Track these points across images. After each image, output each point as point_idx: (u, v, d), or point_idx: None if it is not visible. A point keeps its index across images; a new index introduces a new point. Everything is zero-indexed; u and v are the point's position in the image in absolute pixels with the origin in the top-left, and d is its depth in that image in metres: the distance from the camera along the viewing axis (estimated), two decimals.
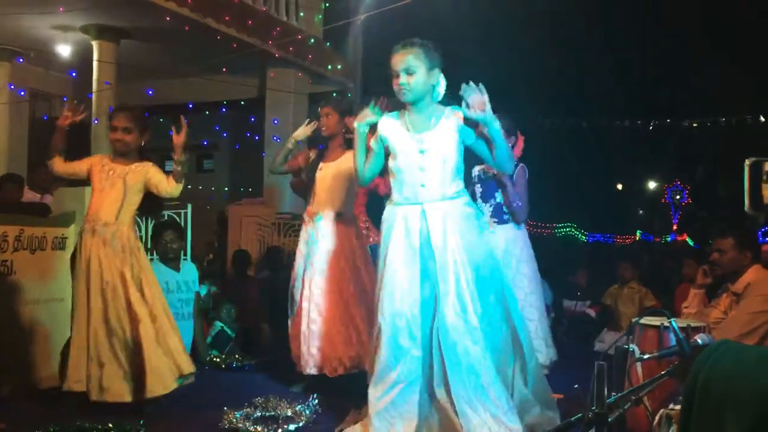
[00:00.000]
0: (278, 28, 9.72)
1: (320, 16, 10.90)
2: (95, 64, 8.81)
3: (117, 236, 3.81)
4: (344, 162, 4.24)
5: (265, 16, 9.63)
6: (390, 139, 3.23)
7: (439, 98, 3.21)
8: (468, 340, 2.97)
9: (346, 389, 3.87)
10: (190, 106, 9.39)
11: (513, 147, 4.59)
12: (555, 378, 4.56)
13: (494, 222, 4.65)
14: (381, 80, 11.54)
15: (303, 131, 4.44)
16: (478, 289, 3.05)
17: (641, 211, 31.72)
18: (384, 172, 3.43)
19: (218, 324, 5.63)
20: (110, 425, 3.07)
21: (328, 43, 10.84)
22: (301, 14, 10.52)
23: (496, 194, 4.68)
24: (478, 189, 4.75)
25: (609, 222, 24.67)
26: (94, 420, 3.17)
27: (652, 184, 30.95)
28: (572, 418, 1.92)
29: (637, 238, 26.06)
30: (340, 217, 4.28)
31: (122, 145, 3.91)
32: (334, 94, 11.50)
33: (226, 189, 12.45)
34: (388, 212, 3.24)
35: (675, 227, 28.68)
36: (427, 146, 3.14)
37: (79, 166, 4.04)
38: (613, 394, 1.96)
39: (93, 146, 8.76)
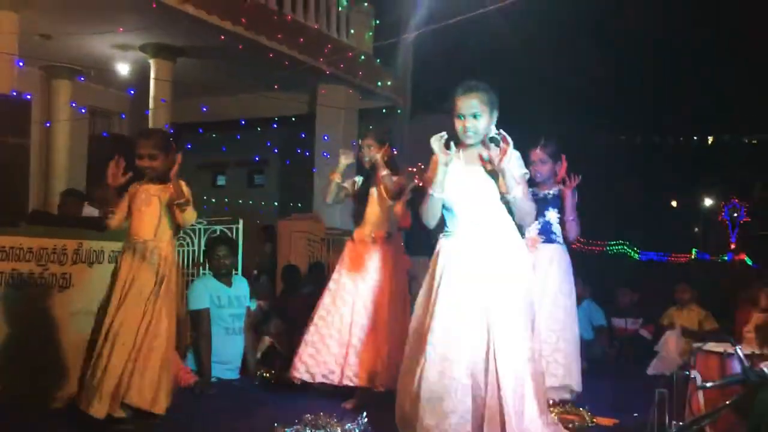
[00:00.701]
0: (329, 45, 9.85)
1: (371, 33, 11.01)
2: (152, 81, 9.05)
3: (156, 252, 3.90)
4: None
5: (316, 34, 9.77)
6: (450, 172, 3.29)
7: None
8: (519, 373, 3.01)
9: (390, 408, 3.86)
10: (243, 122, 9.56)
11: (558, 171, 4.70)
12: (609, 401, 4.45)
13: (541, 240, 4.65)
14: (431, 96, 11.58)
15: (342, 164, 4.62)
16: (524, 321, 3.12)
17: (697, 229, 30.90)
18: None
19: (266, 339, 5.67)
20: None
21: (378, 60, 10.92)
22: (352, 31, 10.64)
23: (546, 212, 4.68)
24: None
25: (663, 240, 24.09)
26: None
27: (708, 201, 30.17)
28: None
29: (693, 257, 25.40)
30: (390, 238, 4.55)
31: (151, 171, 3.99)
32: (384, 111, 11.59)
33: (276, 204, 12.60)
34: (442, 244, 3.29)
35: (732, 246, 27.87)
36: (478, 180, 3.24)
37: (124, 206, 4.12)
38: (673, 423, 1.89)
39: None
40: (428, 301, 3.21)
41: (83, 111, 9.93)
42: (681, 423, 1.85)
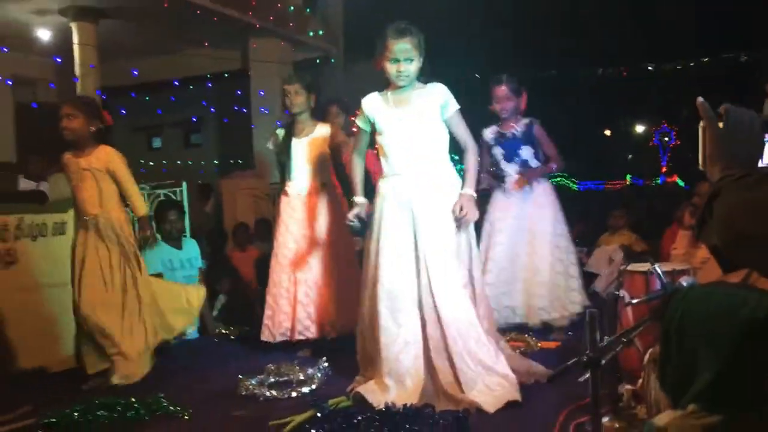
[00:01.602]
0: None
1: None
2: (75, 46, 8.77)
3: (108, 225, 3.94)
4: (317, 134, 4.46)
5: None
6: (376, 118, 3.42)
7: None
8: (457, 301, 3.20)
9: (344, 351, 4.05)
10: (176, 83, 9.38)
11: (520, 104, 4.72)
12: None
13: (524, 179, 4.68)
14: (362, 45, 11.57)
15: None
16: (457, 254, 3.29)
17: (630, 156, 31.82)
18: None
19: (221, 297, 5.75)
20: (132, 399, 3.20)
21: (308, 9, 10.78)
22: None
23: (519, 151, 4.72)
24: (499, 151, 4.78)
25: (599, 169, 24.76)
26: (116, 396, 3.30)
27: (639, 128, 31.02)
28: (568, 363, 2.05)
29: (628, 183, 26.20)
30: (324, 188, 4.47)
31: (69, 132, 3.96)
32: (318, 61, 11.50)
33: (216, 162, 12.48)
34: (381, 185, 3.42)
35: (664, 169, 28.83)
36: (409, 120, 3.34)
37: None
38: (605, 338, 2.09)
39: None
40: (373, 245, 3.37)
41: (9, 83, 9.58)
42: (610, 338, 2.05)
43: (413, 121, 3.33)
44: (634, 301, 2.36)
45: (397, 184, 3.34)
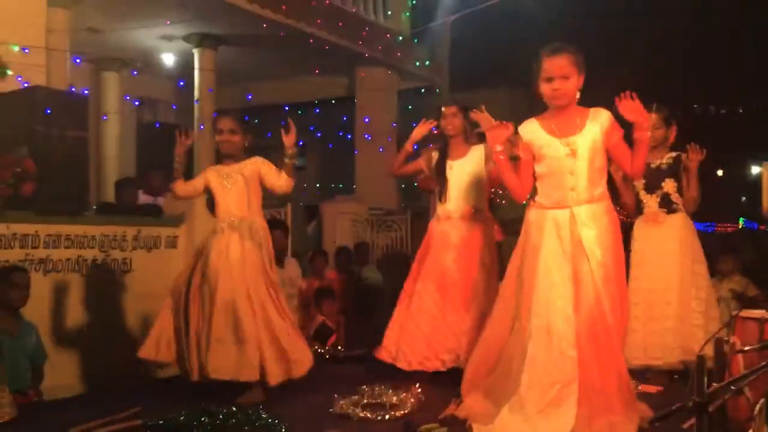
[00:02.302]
0: (367, 27, 9.94)
1: (407, 14, 11.05)
2: (196, 71, 9.29)
3: (254, 229, 4.07)
4: (473, 157, 4.38)
5: (354, 17, 9.87)
6: (535, 144, 3.29)
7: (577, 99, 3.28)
8: (614, 338, 3.10)
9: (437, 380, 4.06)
10: (286, 108, 9.74)
11: (669, 137, 4.57)
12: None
13: (663, 212, 4.53)
14: (467, 76, 11.56)
15: (420, 131, 4.47)
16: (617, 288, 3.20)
17: (744, 198, 30.24)
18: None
19: (319, 317, 5.88)
20: (234, 408, 3.32)
21: (415, 40, 10.97)
22: (389, 12, 10.70)
23: (662, 184, 4.55)
24: (640, 182, 4.59)
25: (710, 210, 23.64)
26: (218, 404, 3.43)
27: (755, 169, 29.47)
28: (673, 408, 1.99)
29: (740, 226, 24.89)
30: (477, 214, 4.39)
31: (230, 146, 4.17)
32: (422, 91, 11.65)
33: (318, 186, 12.79)
34: (536, 215, 3.31)
35: None
36: (575, 149, 3.20)
37: (197, 183, 4.34)
38: (713, 384, 2.02)
39: (196, 150, 9.24)
40: (521, 271, 3.30)
41: (137, 103, 10.26)
42: (719, 384, 1.98)
43: (578, 148, 3.22)
44: (746, 348, 2.27)
45: (559, 216, 3.25)
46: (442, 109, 4.43)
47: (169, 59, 9.91)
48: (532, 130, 3.30)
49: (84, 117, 5.29)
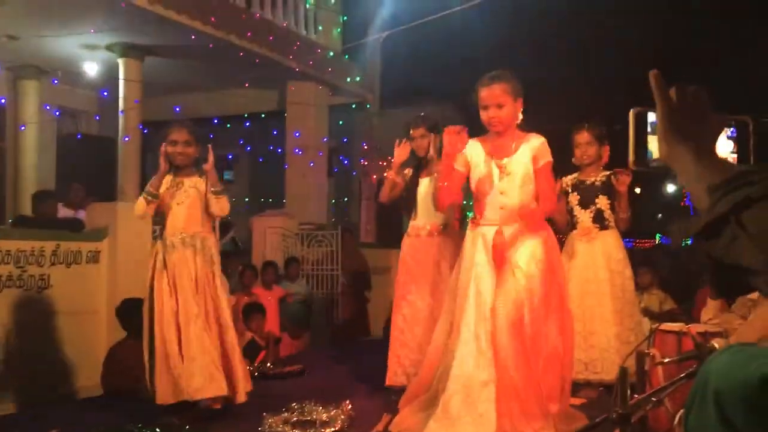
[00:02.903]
0: (298, 42, 9.92)
1: (339, 30, 11.10)
2: (121, 81, 9.04)
3: (206, 246, 4.01)
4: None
5: (284, 31, 9.84)
6: (472, 162, 3.42)
7: (518, 122, 3.38)
8: (536, 346, 3.21)
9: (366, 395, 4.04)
10: (215, 120, 9.59)
11: (602, 155, 4.64)
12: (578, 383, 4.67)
13: (596, 228, 4.61)
14: (399, 91, 11.66)
15: (400, 157, 4.41)
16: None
17: (660, 215, 31.56)
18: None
19: (248, 334, 5.78)
20: (157, 429, 3.22)
21: (346, 56, 11.02)
22: (320, 28, 10.72)
23: (596, 200, 4.62)
24: (575, 197, 4.68)
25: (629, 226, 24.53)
26: (142, 424, 3.33)
27: (671, 188, 30.82)
28: (597, 419, 2.04)
29: (657, 242, 25.93)
30: (446, 229, 4.39)
31: (184, 158, 4.08)
32: (353, 106, 11.71)
33: (246, 200, 12.65)
34: (470, 233, 3.43)
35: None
36: (507, 171, 3.34)
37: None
38: (635, 396, 2.08)
39: (121, 162, 8.99)
40: (455, 287, 3.40)
41: (57, 113, 9.88)
42: (642, 395, 2.04)
43: (510, 170, 3.35)
44: (666, 360, 2.35)
45: (488, 233, 3.37)
46: (411, 131, 4.43)
47: (91, 69, 9.60)
48: (472, 148, 3.44)
49: (1, 126, 5.08)
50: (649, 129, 1.31)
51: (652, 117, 1.30)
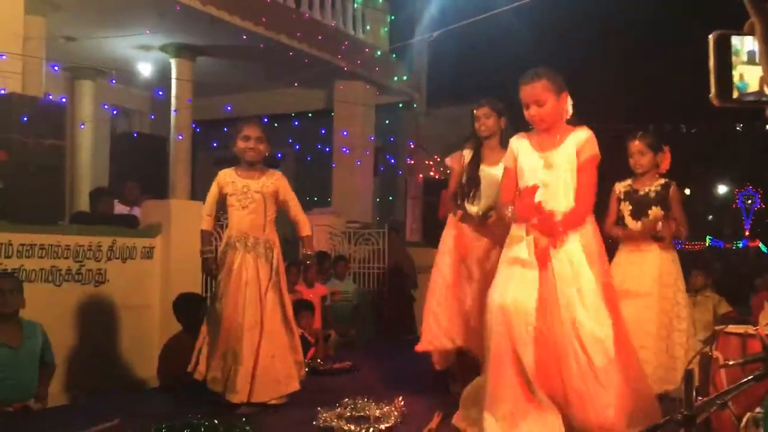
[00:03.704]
0: (346, 41, 9.99)
1: (386, 29, 11.13)
2: (173, 81, 9.23)
3: (268, 249, 4.08)
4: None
5: (333, 31, 9.91)
6: (519, 156, 3.35)
7: (568, 117, 3.30)
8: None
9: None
10: (265, 119, 9.71)
11: (659, 163, 4.51)
12: None
13: (648, 240, 4.45)
14: (445, 90, 11.64)
15: (455, 176, 4.38)
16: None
17: (711, 217, 30.84)
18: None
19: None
20: (216, 421, 3.28)
21: (393, 55, 11.04)
22: (368, 27, 10.77)
23: (649, 211, 4.46)
24: (626, 206, 4.54)
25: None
26: (200, 417, 3.39)
27: (722, 189, 30.09)
28: (662, 420, 2.02)
29: (707, 245, 25.37)
30: (501, 220, 4.30)
31: (255, 154, 4.14)
32: (400, 106, 11.72)
33: None
34: (514, 227, 3.31)
35: (747, 233, 27.80)
36: (549, 163, 3.24)
37: (213, 200, 4.26)
38: (699, 398, 2.05)
39: (172, 160, 9.17)
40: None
41: (115, 112, 10.14)
42: (707, 398, 2.01)
43: (552, 162, 3.25)
44: (731, 362, 2.30)
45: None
46: (474, 111, 4.33)
47: (146, 69, 9.83)
48: (518, 142, 3.39)
49: (61, 125, 5.23)
50: (734, 54, 1.08)
51: (737, 42, 1.09)
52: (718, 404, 2.07)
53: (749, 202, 28.34)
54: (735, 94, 1.11)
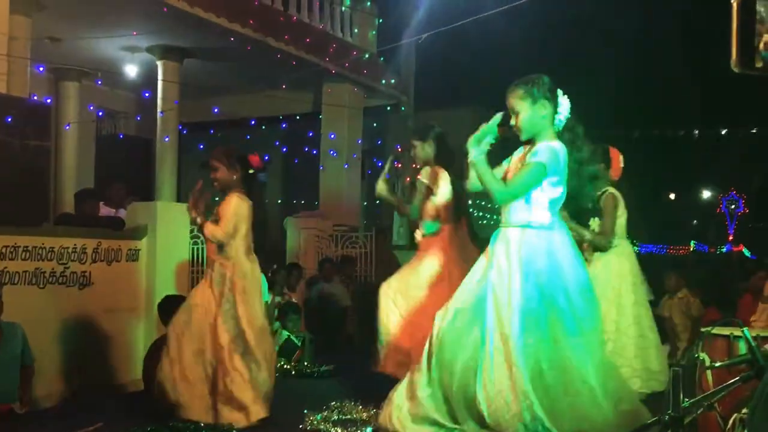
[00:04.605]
0: (334, 44, 9.98)
1: (374, 32, 11.13)
2: (159, 83, 9.17)
3: (218, 270, 3.98)
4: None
5: (321, 33, 9.90)
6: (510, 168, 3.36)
7: (563, 121, 3.26)
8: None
9: None
10: (253, 122, 9.69)
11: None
12: None
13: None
14: (433, 93, 11.64)
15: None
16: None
17: (695, 222, 31.08)
18: None
19: (285, 333, 5.82)
20: (201, 424, 3.26)
21: (381, 58, 11.05)
22: (356, 30, 10.77)
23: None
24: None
25: (662, 232, 24.25)
26: (185, 421, 3.37)
27: (706, 194, 30.33)
28: (649, 421, 2.02)
29: (692, 249, 25.56)
30: (458, 230, 4.43)
31: (217, 183, 4.14)
32: (388, 108, 11.72)
33: (279, 201, 12.71)
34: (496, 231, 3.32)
35: (731, 238, 28.05)
36: (511, 173, 3.27)
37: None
38: (685, 399, 2.05)
39: (158, 162, 9.12)
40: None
41: (101, 114, 10.07)
42: (693, 399, 2.01)
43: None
44: (717, 364, 2.31)
45: (498, 234, 3.31)
46: (413, 141, 4.44)
47: (132, 71, 9.76)
48: (516, 152, 3.38)
49: (46, 126, 5.18)
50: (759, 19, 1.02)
51: (761, 8, 1.04)
52: (705, 405, 2.07)
53: (733, 207, 28.61)
54: (759, 63, 1.07)
